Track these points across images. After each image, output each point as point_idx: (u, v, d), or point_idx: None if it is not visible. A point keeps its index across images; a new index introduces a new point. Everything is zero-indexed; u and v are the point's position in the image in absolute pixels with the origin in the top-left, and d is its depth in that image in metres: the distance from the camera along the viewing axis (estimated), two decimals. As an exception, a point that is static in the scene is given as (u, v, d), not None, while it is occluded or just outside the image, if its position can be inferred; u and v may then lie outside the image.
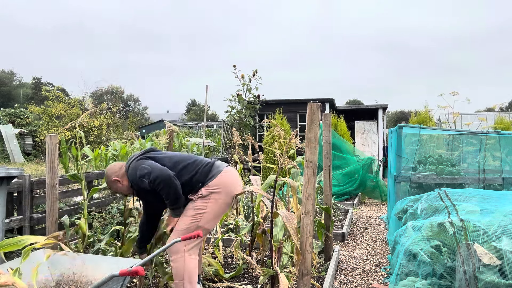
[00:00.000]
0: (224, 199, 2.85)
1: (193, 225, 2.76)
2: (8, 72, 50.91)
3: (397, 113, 48.70)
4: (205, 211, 2.79)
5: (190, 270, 2.72)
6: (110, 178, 2.92)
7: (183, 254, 2.73)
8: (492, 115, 13.31)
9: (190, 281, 2.73)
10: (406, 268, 2.79)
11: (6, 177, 3.34)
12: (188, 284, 2.73)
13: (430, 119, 9.76)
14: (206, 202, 2.80)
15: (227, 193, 2.86)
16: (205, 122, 4.05)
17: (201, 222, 2.78)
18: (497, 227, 2.61)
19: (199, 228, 2.77)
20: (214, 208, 2.81)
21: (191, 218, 2.78)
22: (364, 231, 5.66)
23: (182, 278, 2.72)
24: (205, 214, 2.79)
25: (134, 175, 2.79)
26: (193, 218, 2.77)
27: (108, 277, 1.99)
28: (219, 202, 2.82)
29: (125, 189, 2.94)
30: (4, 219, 3.46)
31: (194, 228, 2.76)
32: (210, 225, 2.86)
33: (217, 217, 2.88)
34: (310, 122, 2.62)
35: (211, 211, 2.80)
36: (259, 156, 4.93)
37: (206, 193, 2.80)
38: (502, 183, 4.66)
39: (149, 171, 2.69)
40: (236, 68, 11.08)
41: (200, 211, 2.78)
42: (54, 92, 15.91)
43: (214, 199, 2.81)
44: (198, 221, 2.78)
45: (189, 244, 2.76)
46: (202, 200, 2.80)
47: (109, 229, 3.89)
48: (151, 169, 2.70)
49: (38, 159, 16.41)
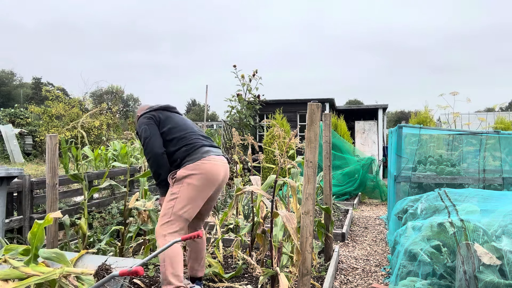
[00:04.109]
0: (198, 187, 2.80)
1: (170, 210, 2.78)
2: (8, 72, 50.91)
3: (397, 113, 48.69)
4: (178, 196, 2.78)
5: (170, 255, 2.67)
6: (137, 114, 3.25)
7: (164, 238, 2.70)
8: (492, 115, 13.33)
9: (171, 264, 2.67)
10: (406, 268, 2.79)
11: (6, 177, 3.35)
12: (170, 266, 2.66)
13: (430, 119, 9.77)
14: (179, 187, 2.80)
15: (203, 179, 2.81)
16: (205, 122, 4.04)
17: (175, 208, 2.76)
18: (497, 227, 2.61)
19: (175, 214, 2.75)
20: (186, 194, 2.77)
21: (167, 204, 2.80)
22: (364, 231, 5.66)
23: (163, 261, 2.68)
24: (178, 199, 2.77)
25: (138, 129, 3.05)
26: (169, 204, 2.79)
27: (108, 277, 1.99)
28: (190, 189, 2.78)
29: None
30: (4, 219, 3.47)
31: (170, 214, 2.76)
32: (186, 212, 2.79)
33: (192, 203, 2.80)
34: (310, 122, 2.62)
35: (185, 197, 2.77)
36: (259, 156, 4.93)
37: (180, 177, 2.80)
38: (502, 183, 4.67)
39: (146, 136, 2.91)
40: (236, 68, 11.09)
41: (174, 197, 2.79)
42: (54, 92, 15.90)
43: (187, 183, 2.79)
44: (173, 207, 2.77)
45: (167, 229, 2.73)
46: (176, 185, 2.82)
47: (109, 229, 3.89)
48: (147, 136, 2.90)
49: (38, 159, 16.41)
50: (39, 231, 2.25)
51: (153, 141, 2.89)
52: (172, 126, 3.01)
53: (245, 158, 5.93)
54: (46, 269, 2.19)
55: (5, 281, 2.09)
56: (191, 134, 3.01)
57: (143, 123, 3.00)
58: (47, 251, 2.28)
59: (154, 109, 3.11)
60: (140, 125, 3.01)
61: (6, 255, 2.31)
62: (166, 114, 3.10)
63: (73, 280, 2.19)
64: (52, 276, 2.12)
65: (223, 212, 5.09)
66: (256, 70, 11.20)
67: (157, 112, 3.08)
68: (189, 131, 3.02)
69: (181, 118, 3.17)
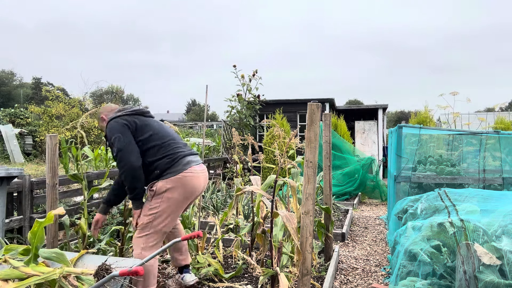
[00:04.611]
0: (176, 199, 2.71)
1: (149, 224, 2.69)
2: (8, 72, 50.92)
3: (397, 113, 48.71)
4: (158, 211, 2.68)
5: (147, 267, 2.62)
6: (100, 114, 2.97)
7: (140, 252, 2.65)
8: (492, 115, 13.32)
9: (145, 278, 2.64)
10: (406, 268, 2.79)
11: (6, 177, 3.35)
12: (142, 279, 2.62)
13: (430, 119, 9.76)
14: (159, 202, 2.69)
15: (184, 193, 2.73)
16: (205, 122, 4.05)
17: (155, 222, 2.69)
18: (497, 227, 2.61)
19: (154, 227, 2.68)
20: (166, 209, 2.69)
21: (146, 218, 2.69)
22: (364, 231, 5.66)
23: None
24: (158, 214, 2.68)
25: (109, 135, 2.73)
26: (148, 218, 2.69)
27: (108, 277, 1.99)
28: (170, 202, 2.70)
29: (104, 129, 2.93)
30: (4, 219, 3.47)
31: (150, 227, 2.68)
32: (165, 226, 2.74)
33: (171, 216, 2.75)
34: (310, 122, 2.62)
35: (163, 213, 2.69)
36: (259, 156, 4.93)
37: (160, 191, 2.68)
38: (502, 183, 4.66)
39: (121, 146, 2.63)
40: (236, 68, 11.09)
41: (154, 211, 2.69)
42: (54, 92, 15.90)
43: (167, 198, 2.69)
44: (153, 221, 2.68)
45: (148, 243, 2.68)
46: (155, 199, 2.69)
47: (109, 229, 3.89)
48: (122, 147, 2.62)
49: (38, 159, 16.40)
50: (39, 230, 2.24)
51: (129, 152, 2.63)
52: (153, 133, 2.79)
53: (245, 158, 5.92)
54: (46, 269, 2.18)
55: (5, 281, 2.09)
56: (172, 142, 2.83)
57: (116, 130, 2.70)
58: (47, 251, 2.28)
59: (127, 113, 2.83)
60: (112, 131, 2.70)
61: (6, 255, 2.31)
62: (143, 120, 2.84)
63: (73, 280, 2.19)
64: (52, 276, 2.12)
65: (223, 212, 5.09)
66: (256, 70, 11.19)
67: (131, 117, 2.80)
68: (169, 139, 2.84)
69: (159, 124, 2.95)
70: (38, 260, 2.29)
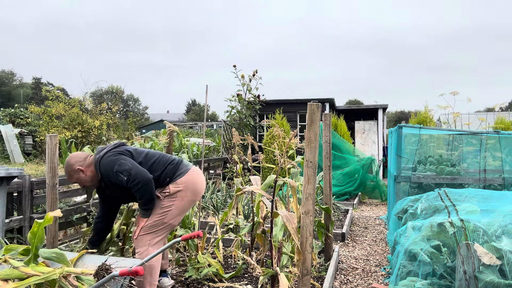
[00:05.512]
0: (189, 197, 2.99)
1: (159, 221, 2.88)
2: (8, 72, 50.93)
3: (397, 113, 48.72)
4: (171, 209, 2.91)
5: (151, 264, 2.77)
6: (73, 166, 2.85)
7: (147, 248, 2.83)
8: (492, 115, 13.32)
9: (150, 273, 2.80)
10: (406, 268, 2.78)
11: (6, 177, 3.35)
12: (149, 275, 2.79)
13: (430, 119, 9.76)
14: (173, 200, 2.92)
15: (193, 191, 3.01)
16: (205, 122, 4.04)
17: (167, 219, 2.91)
18: (497, 227, 2.61)
19: (164, 224, 2.90)
20: (179, 205, 2.94)
21: (157, 216, 2.88)
22: (364, 231, 5.66)
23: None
24: (171, 211, 2.91)
25: (109, 169, 2.78)
26: (159, 216, 2.88)
27: (108, 277, 1.99)
28: (184, 200, 2.95)
29: (88, 179, 2.90)
30: (4, 219, 3.47)
31: (160, 224, 2.89)
32: (175, 220, 2.98)
33: (182, 213, 3.01)
34: (310, 122, 2.62)
35: (177, 208, 2.93)
36: (259, 156, 4.93)
37: (173, 191, 2.91)
38: (502, 183, 4.66)
39: (129, 167, 2.75)
40: (236, 68, 11.09)
41: (167, 209, 2.90)
42: (54, 92, 15.87)
43: (181, 196, 2.93)
44: (164, 218, 2.89)
45: (154, 239, 2.88)
46: (168, 199, 2.91)
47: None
48: (131, 167, 2.76)
49: (38, 159, 16.40)
50: (39, 230, 2.25)
51: (139, 168, 2.79)
52: (146, 153, 3.01)
53: (245, 158, 5.92)
54: (46, 269, 2.18)
55: (5, 281, 2.09)
56: (163, 156, 3.07)
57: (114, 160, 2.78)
58: (47, 251, 2.28)
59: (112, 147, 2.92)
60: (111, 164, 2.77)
61: (6, 255, 2.31)
62: (128, 147, 3.02)
63: (73, 280, 2.19)
64: (52, 276, 2.12)
65: (223, 212, 5.09)
66: (256, 70, 11.18)
67: (119, 148, 2.93)
68: (159, 154, 3.08)
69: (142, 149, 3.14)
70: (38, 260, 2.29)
